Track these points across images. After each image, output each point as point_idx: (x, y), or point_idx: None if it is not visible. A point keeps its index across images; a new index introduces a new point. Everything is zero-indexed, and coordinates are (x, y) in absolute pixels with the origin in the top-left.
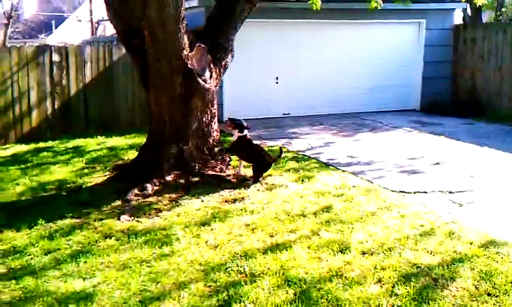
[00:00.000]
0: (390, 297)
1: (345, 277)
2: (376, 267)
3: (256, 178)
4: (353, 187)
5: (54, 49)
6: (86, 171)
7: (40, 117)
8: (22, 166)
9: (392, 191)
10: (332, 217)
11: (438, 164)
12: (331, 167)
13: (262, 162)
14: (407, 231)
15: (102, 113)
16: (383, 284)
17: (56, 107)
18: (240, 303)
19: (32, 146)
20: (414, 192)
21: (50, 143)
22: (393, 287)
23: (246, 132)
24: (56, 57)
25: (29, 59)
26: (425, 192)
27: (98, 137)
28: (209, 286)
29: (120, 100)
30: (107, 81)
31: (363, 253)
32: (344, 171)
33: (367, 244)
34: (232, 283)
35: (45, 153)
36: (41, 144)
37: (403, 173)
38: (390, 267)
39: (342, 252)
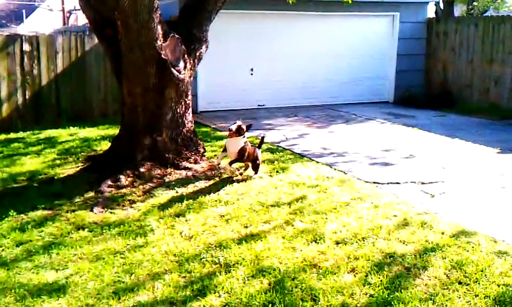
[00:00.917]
0: (364, 286)
1: (320, 266)
2: (349, 257)
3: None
4: (327, 178)
5: (24, 38)
6: (58, 162)
7: (11, 107)
8: None
9: (366, 182)
10: (306, 208)
11: (410, 155)
12: (306, 158)
13: (258, 159)
14: (380, 221)
15: (74, 103)
16: (357, 273)
17: (27, 97)
18: (215, 293)
19: (2, 136)
20: (387, 183)
21: (21, 134)
22: (366, 276)
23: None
24: (26, 47)
25: None
26: (398, 183)
27: (71, 127)
28: (184, 277)
29: (92, 90)
30: (79, 71)
31: (337, 243)
32: (318, 162)
33: (341, 233)
34: (207, 273)
35: (16, 144)
36: (12, 135)
37: (376, 164)
38: (363, 257)
39: (316, 242)
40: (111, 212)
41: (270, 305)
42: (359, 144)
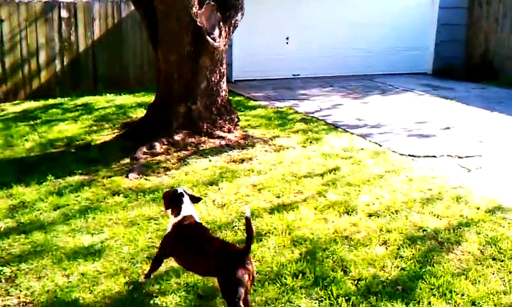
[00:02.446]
0: (395, 258)
1: (351, 238)
2: (381, 229)
3: None
4: (361, 149)
5: (62, 5)
6: (94, 128)
7: (49, 74)
8: (31, 122)
9: (401, 155)
10: (339, 179)
11: (447, 128)
12: (340, 129)
13: None
14: (414, 195)
15: (110, 70)
16: (388, 246)
17: (64, 64)
18: None
19: (41, 102)
20: (423, 156)
21: (59, 100)
22: (398, 249)
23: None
24: (64, 14)
25: (37, 15)
26: (434, 157)
27: (107, 94)
28: None
29: (128, 58)
30: (116, 38)
31: (370, 215)
32: (352, 133)
33: (374, 206)
34: (239, 241)
35: (54, 110)
36: (51, 101)
37: (412, 137)
38: (395, 230)
39: (348, 214)
40: (146, 179)
41: (300, 275)
42: (395, 115)
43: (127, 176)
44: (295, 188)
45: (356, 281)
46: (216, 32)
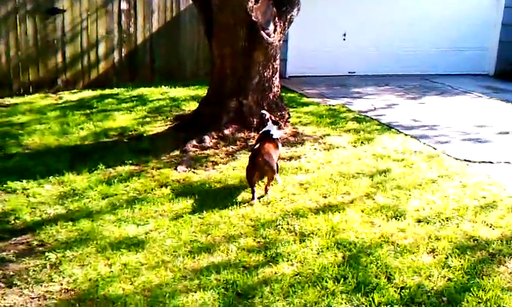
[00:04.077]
0: (442, 268)
1: (397, 244)
2: (430, 237)
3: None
4: (414, 152)
5: None
6: (147, 119)
7: (108, 64)
8: (87, 111)
9: (456, 159)
10: (389, 182)
11: (507, 133)
12: (393, 130)
13: None
14: (467, 202)
15: (167, 63)
16: (436, 254)
17: (123, 55)
18: (287, 261)
19: (98, 92)
20: (479, 162)
21: (115, 90)
22: (446, 258)
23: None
24: (124, 5)
25: (98, 7)
26: (491, 163)
27: (163, 86)
28: (258, 242)
29: (185, 51)
30: (174, 31)
31: (419, 221)
32: (406, 134)
33: (424, 212)
34: (281, 240)
35: (109, 100)
36: (107, 91)
37: (469, 141)
38: (445, 238)
39: (396, 219)
40: (194, 172)
41: (342, 279)
42: (452, 118)
43: (175, 169)
44: (342, 189)
45: (399, 289)
46: (271, 27)
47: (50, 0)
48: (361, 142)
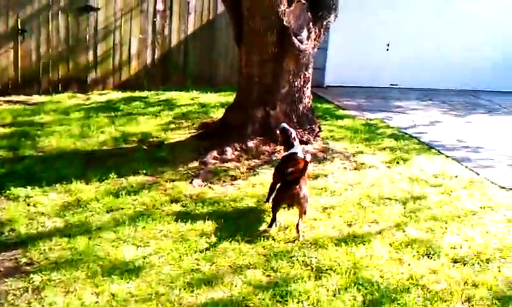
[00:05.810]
0: None
1: (428, 289)
2: (466, 282)
3: None
4: (455, 177)
5: None
6: (172, 126)
7: (139, 65)
8: (112, 114)
9: (501, 187)
10: (424, 211)
11: None
12: (434, 150)
13: None
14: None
15: (200, 67)
16: (473, 305)
17: (155, 57)
18: (298, 302)
19: (127, 94)
20: None
21: (144, 93)
22: None
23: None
24: (160, 6)
25: (133, 6)
26: None
27: (193, 91)
28: (268, 276)
29: (219, 56)
30: (209, 35)
31: (455, 261)
32: (447, 156)
33: (461, 250)
34: (294, 276)
35: (137, 103)
36: (137, 93)
37: None
38: (483, 284)
39: (428, 257)
40: (210, 187)
41: None
42: (499, 139)
43: (191, 182)
44: (370, 216)
45: None
46: (304, 33)
47: None
48: (397, 162)
